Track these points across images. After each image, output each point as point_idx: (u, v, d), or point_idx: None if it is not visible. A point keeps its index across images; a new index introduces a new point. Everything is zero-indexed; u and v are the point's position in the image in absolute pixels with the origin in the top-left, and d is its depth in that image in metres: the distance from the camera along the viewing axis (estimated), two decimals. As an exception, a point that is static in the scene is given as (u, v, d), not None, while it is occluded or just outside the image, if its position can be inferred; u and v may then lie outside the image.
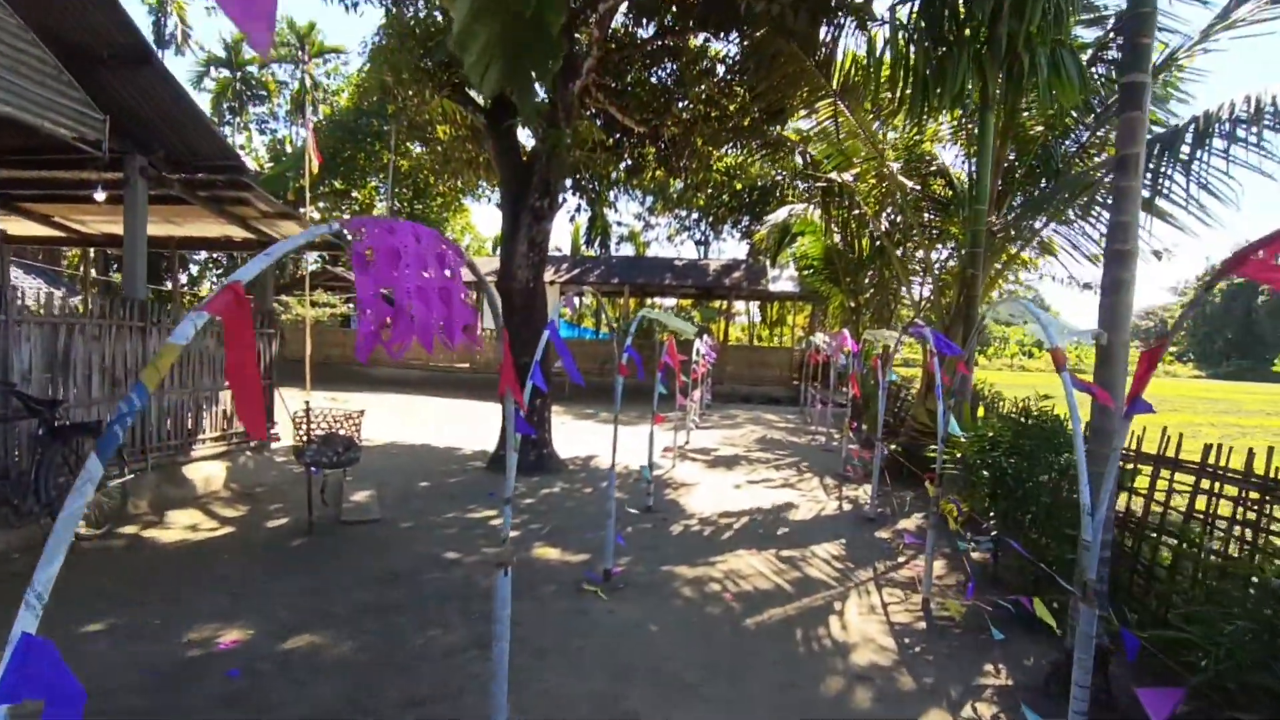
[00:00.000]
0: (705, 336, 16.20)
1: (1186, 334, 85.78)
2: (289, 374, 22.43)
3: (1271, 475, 3.58)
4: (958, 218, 11.04)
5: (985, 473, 4.60)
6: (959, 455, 5.01)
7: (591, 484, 9.08)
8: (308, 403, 6.83)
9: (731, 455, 11.62)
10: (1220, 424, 21.69)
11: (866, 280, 15.21)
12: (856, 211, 10.71)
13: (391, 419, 14.44)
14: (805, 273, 16.05)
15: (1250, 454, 3.75)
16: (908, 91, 7.22)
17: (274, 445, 9.42)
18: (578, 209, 16.13)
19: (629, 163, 15.65)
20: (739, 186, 16.14)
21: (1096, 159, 8.79)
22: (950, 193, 11.28)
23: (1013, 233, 8.47)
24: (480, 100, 11.07)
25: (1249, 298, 76.62)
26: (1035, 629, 4.23)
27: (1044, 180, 9.25)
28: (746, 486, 9.27)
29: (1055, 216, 7.89)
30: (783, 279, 23.14)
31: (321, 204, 37.39)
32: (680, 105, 13.26)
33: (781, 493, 8.95)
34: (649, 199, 31.22)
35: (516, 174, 9.93)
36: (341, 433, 6.75)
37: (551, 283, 22.93)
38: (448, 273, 2.06)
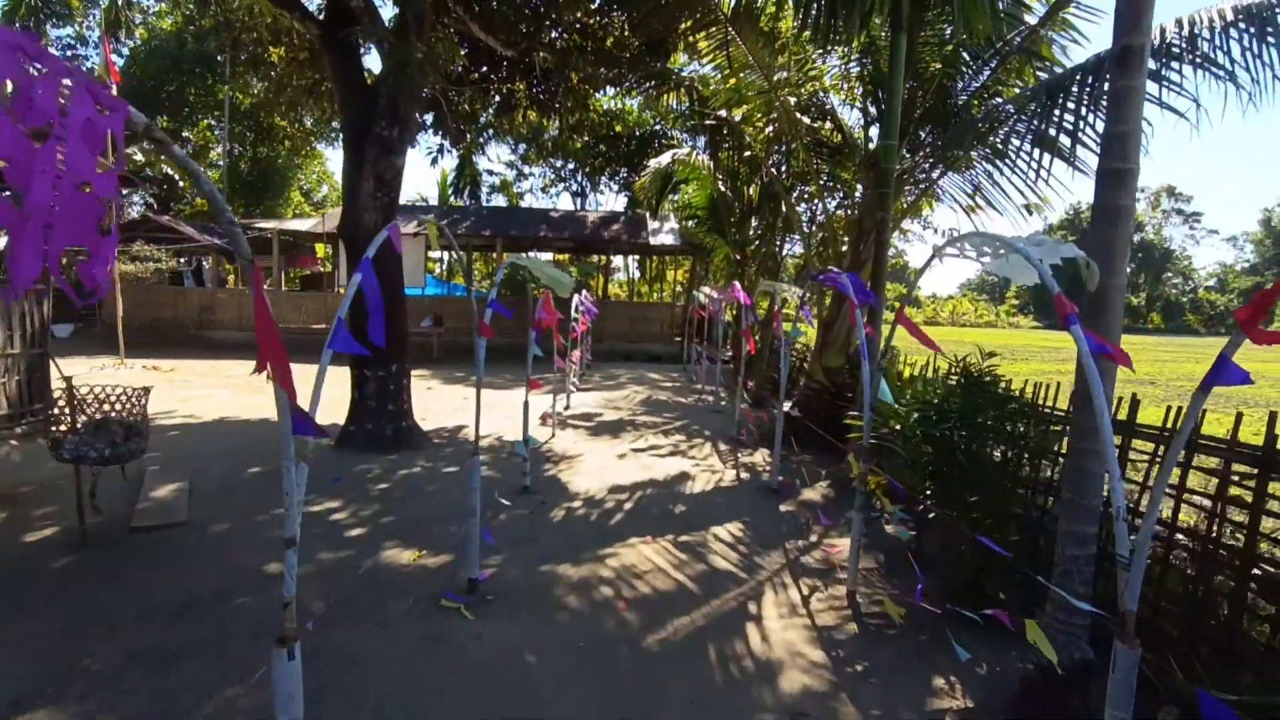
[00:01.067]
0: (584, 292, 15.14)
1: (1026, 288, 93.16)
2: (107, 340, 19.57)
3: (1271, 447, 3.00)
4: (850, 164, 10.48)
5: (928, 447, 3.91)
6: (896, 427, 4.30)
7: (459, 461, 7.91)
8: (69, 379, 5.23)
9: (616, 420, 10.73)
10: (1070, 372, 23.16)
11: (753, 231, 14.58)
12: (747, 154, 9.91)
13: (227, 391, 12.51)
14: (688, 223, 15.21)
15: (1238, 419, 3.18)
16: (813, 10, 6.35)
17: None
18: (440, 150, 14.45)
19: (498, 100, 14.16)
20: (618, 129, 14.97)
21: (996, 101, 8.34)
22: (839, 137, 10.69)
23: (920, 174, 7.90)
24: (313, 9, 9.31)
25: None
26: (982, 625, 3.58)
27: (935, 124, 8.74)
28: (634, 456, 8.39)
29: (965, 154, 7.35)
30: (664, 232, 22.30)
31: (146, 145, 32.87)
32: (554, 34, 11.92)
33: (673, 462, 8.14)
34: (522, 146, 29.46)
35: (360, 99, 8.35)
36: (121, 415, 5.23)
37: (416, 234, 21.01)
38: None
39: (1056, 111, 5.88)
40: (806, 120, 9.21)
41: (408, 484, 6.98)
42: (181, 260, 22.93)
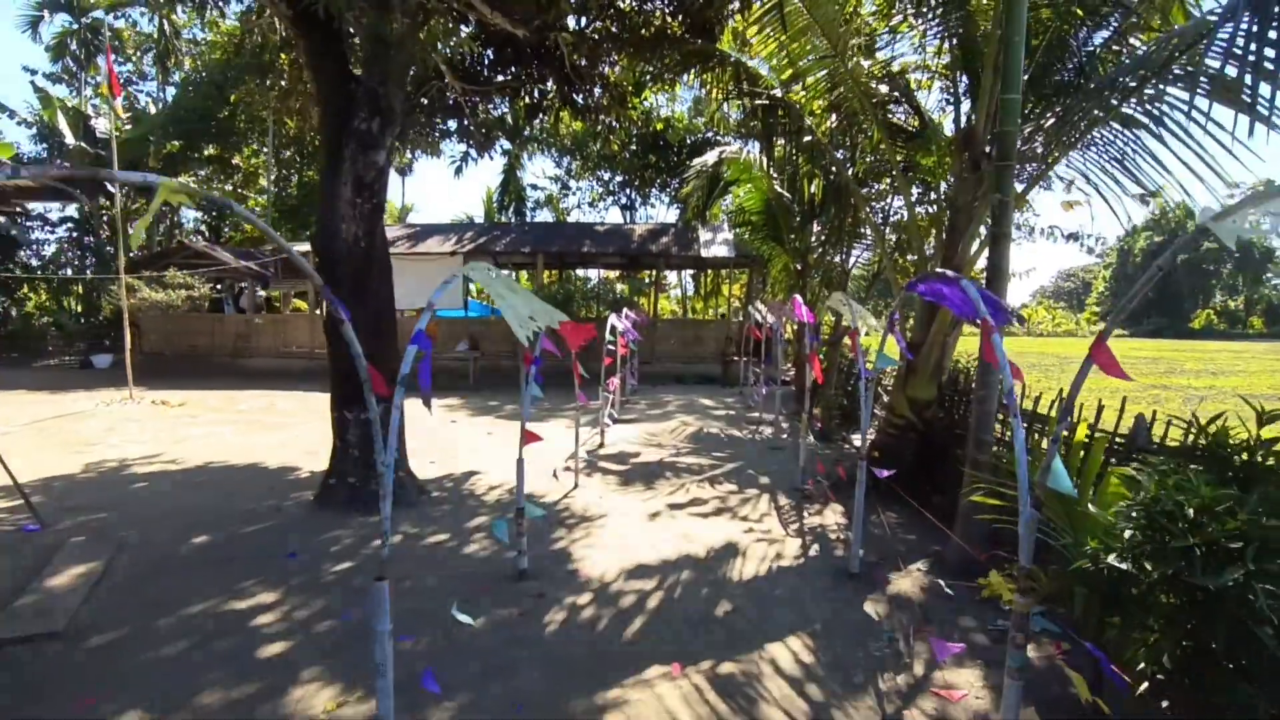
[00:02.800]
0: (627, 311, 13.57)
1: (1110, 294, 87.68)
2: (147, 370, 19.00)
3: None
4: (933, 148, 8.65)
5: (1169, 595, 2.12)
6: (1111, 559, 2.45)
7: (455, 526, 6.39)
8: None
9: (655, 463, 9.04)
10: (1174, 385, 20.32)
11: (814, 238, 12.77)
12: (807, 139, 8.20)
13: (231, 428, 11.35)
14: (741, 230, 13.50)
15: None
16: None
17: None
18: (464, 158, 13.18)
19: (528, 102, 12.86)
20: (658, 127, 13.42)
21: (1131, 54, 6.42)
22: (916, 121, 8.89)
23: (1039, 148, 6.04)
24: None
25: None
26: None
27: (1049, 92, 6.88)
28: (671, 516, 6.70)
29: (1088, 127, 5.45)
30: (717, 243, 20.62)
31: (201, 172, 32.99)
32: (580, 20, 10.50)
33: (719, 526, 6.42)
34: (566, 159, 28.30)
35: (338, 88, 7.02)
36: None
37: (453, 253, 19.89)
38: None
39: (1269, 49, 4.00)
40: (884, 89, 7.45)
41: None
42: (218, 287, 22.37)
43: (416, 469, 8.56)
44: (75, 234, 31.64)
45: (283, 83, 12.01)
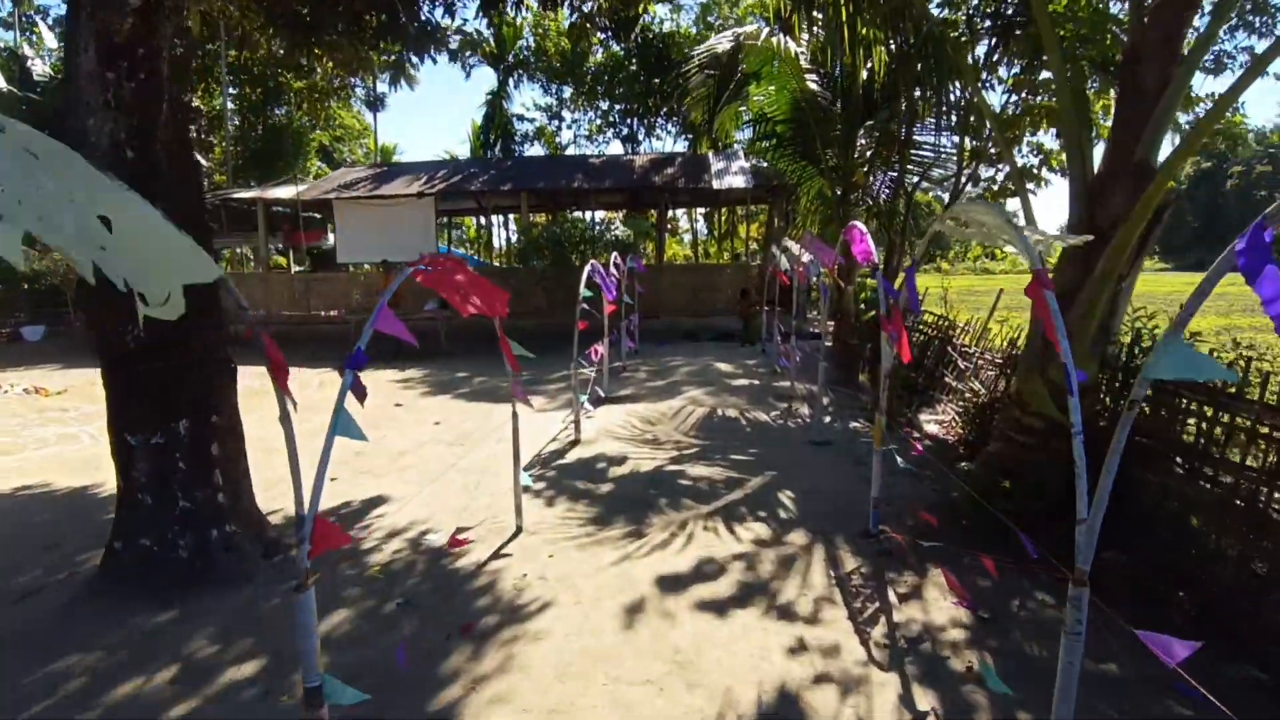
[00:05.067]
0: (615, 257, 10.69)
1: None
2: (79, 344, 16.44)
3: None
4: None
5: None
6: None
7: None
8: None
9: (648, 475, 6.27)
10: (1247, 326, 17.03)
11: (857, 155, 9.70)
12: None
13: (101, 426, 8.73)
14: (764, 145, 10.43)
15: None
16: None
17: None
18: (400, 61, 10.18)
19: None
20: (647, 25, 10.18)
21: None
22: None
23: None
24: None
25: (1216, 183, 72.52)
26: None
27: None
28: (660, 612, 3.90)
29: None
30: (732, 172, 17.47)
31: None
32: None
33: (746, 633, 3.64)
34: (556, 86, 24.96)
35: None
36: None
37: (420, 195, 16.95)
38: None
39: None
40: None
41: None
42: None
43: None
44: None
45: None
